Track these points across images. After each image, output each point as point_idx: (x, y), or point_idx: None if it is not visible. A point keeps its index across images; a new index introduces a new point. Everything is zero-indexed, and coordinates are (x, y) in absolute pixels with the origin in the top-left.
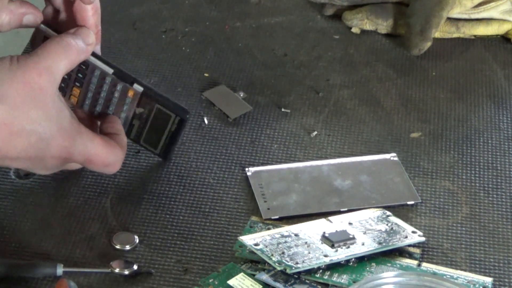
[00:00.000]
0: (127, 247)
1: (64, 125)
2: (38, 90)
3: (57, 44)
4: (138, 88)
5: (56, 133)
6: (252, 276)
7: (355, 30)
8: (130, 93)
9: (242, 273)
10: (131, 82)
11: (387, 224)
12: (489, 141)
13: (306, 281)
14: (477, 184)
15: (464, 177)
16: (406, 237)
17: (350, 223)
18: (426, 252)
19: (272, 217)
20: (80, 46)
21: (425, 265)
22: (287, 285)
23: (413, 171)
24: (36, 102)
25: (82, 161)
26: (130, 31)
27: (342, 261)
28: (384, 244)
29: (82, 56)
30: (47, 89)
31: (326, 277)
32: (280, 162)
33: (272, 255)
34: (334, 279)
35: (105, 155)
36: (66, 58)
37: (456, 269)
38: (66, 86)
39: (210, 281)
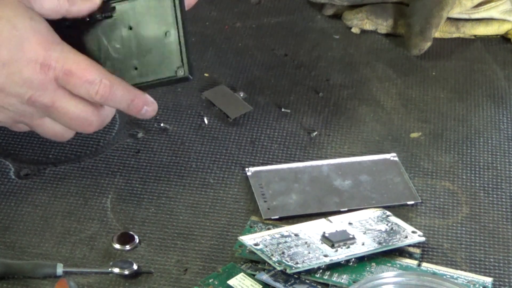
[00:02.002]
0: (127, 247)
1: (40, 30)
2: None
3: None
4: None
5: (30, 34)
6: (252, 276)
7: (355, 30)
8: None
9: (242, 273)
10: None
11: (387, 224)
12: (489, 141)
13: (306, 281)
14: (477, 184)
15: (464, 177)
16: (406, 237)
17: (350, 223)
18: (426, 252)
19: (272, 217)
20: None
21: (425, 265)
22: (287, 285)
23: (413, 171)
24: (6, 2)
25: (62, 71)
26: None
27: (342, 261)
28: (384, 244)
29: (74, 8)
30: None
31: (326, 277)
32: (280, 162)
33: (272, 255)
34: (334, 279)
35: (87, 67)
36: None
37: (456, 269)
38: None
39: (210, 281)
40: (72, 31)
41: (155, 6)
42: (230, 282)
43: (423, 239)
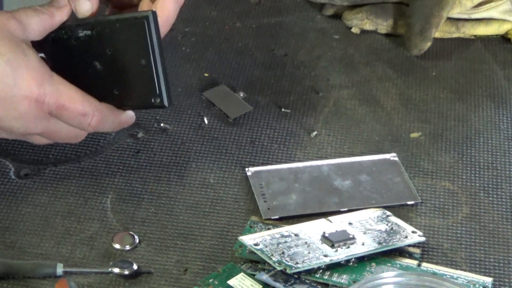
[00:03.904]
0: (127, 247)
1: (33, 64)
2: (5, 30)
3: (29, 9)
4: None
5: (24, 70)
6: (252, 276)
7: (355, 30)
8: None
9: (242, 273)
10: None
11: (387, 224)
12: (489, 141)
13: (306, 281)
14: (477, 184)
15: (464, 177)
16: (406, 237)
17: (350, 223)
18: (426, 252)
19: (272, 217)
20: (51, 10)
21: (425, 265)
22: (287, 285)
23: (413, 171)
24: (1, 37)
25: (55, 106)
26: None
27: (342, 261)
28: (384, 244)
29: (56, 18)
30: (15, 31)
31: (326, 277)
32: (280, 162)
33: (272, 255)
34: (334, 279)
35: (79, 100)
36: (37, 16)
37: (456, 269)
38: None
39: (210, 281)
40: (59, 51)
41: (129, 33)
42: (230, 282)
43: (423, 239)
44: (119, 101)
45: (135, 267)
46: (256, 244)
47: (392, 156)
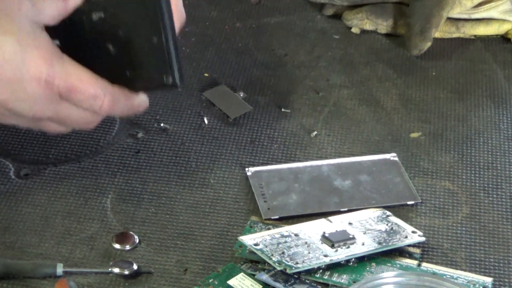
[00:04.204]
0: (127, 247)
1: (43, 45)
2: (17, 10)
3: None
4: None
5: (34, 50)
6: (252, 276)
7: (355, 30)
8: None
9: (242, 273)
10: None
11: (387, 224)
12: (489, 141)
13: (306, 281)
14: (477, 184)
15: (464, 177)
16: (406, 237)
17: (350, 223)
18: (426, 252)
19: (272, 217)
20: None
21: (425, 265)
22: (287, 285)
23: (413, 171)
24: (9, 13)
25: (65, 88)
26: None
27: (342, 261)
28: (384, 244)
29: (70, 3)
30: (28, 13)
31: (326, 277)
32: (280, 162)
33: (272, 255)
34: (334, 279)
35: (90, 82)
36: (51, 1)
37: (456, 269)
38: None
39: (210, 281)
40: (71, 36)
41: (142, 10)
42: (230, 282)
43: (423, 239)
44: (131, 83)
45: (135, 267)
46: (256, 244)
47: (392, 156)
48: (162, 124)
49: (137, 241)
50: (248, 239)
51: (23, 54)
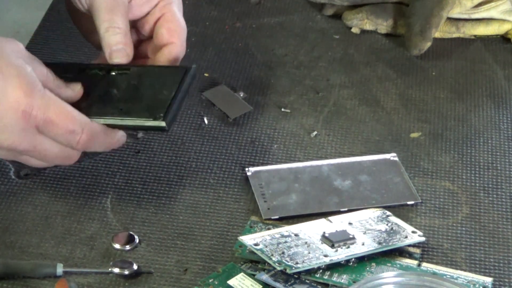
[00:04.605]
0: (127, 247)
1: (25, 76)
2: (4, 47)
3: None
4: None
5: (15, 80)
6: (252, 276)
7: (355, 30)
8: None
9: (242, 273)
10: None
11: (387, 224)
12: (489, 141)
13: (306, 281)
14: (477, 184)
15: (464, 177)
16: (406, 237)
17: (350, 223)
18: (426, 252)
19: (272, 217)
20: (61, 85)
21: (425, 265)
22: (287, 285)
23: (413, 171)
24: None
25: (43, 120)
26: None
27: (342, 261)
28: (384, 244)
29: (61, 91)
30: (14, 51)
31: (326, 277)
32: (280, 162)
33: (272, 255)
34: (334, 279)
35: (68, 117)
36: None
37: (456, 269)
38: None
39: (210, 281)
40: (86, 78)
41: (165, 76)
42: (230, 282)
43: (423, 239)
44: (120, 118)
45: (135, 267)
46: (256, 244)
47: (392, 156)
48: None
49: (137, 241)
50: (248, 239)
51: (3, 83)
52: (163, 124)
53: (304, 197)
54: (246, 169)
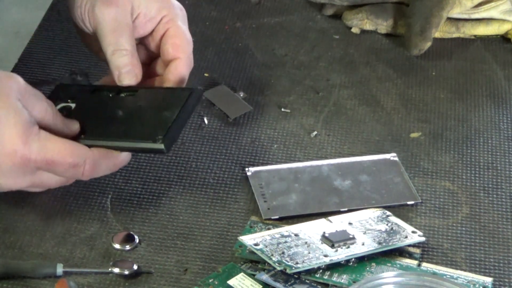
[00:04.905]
0: (127, 247)
1: (21, 122)
2: (3, 86)
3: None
4: None
5: (11, 128)
6: (252, 276)
7: (355, 30)
8: None
9: (242, 273)
10: None
11: (387, 224)
12: (489, 141)
13: (306, 281)
14: (477, 184)
15: (464, 177)
16: (406, 237)
17: (350, 223)
18: (426, 252)
19: (272, 217)
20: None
21: (425, 265)
22: (287, 285)
23: (413, 171)
24: None
25: (44, 162)
26: None
27: (342, 261)
28: (384, 244)
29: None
30: (13, 90)
31: (326, 277)
32: (280, 162)
33: (272, 255)
34: (334, 279)
35: (69, 153)
36: (43, 103)
37: (456, 269)
38: None
39: (210, 281)
40: (90, 100)
41: (170, 97)
42: (230, 282)
43: (423, 239)
44: (119, 139)
45: (135, 267)
46: (256, 244)
47: (392, 156)
48: None
49: (137, 241)
50: (248, 239)
51: (0, 129)
52: (161, 146)
53: (304, 197)
54: (246, 169)
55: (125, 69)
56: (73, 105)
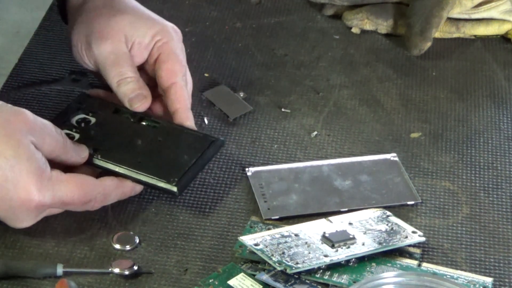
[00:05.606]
0: (127, 247)
1: (35, 170)
2: (14, 129)
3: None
4: None
5: (24, 174)
6: (252, 276)
7: (355, 30)
8: None
9: (242, 273)
10: None
11: (387, 224)
12: (489, 141)
13: (306, 281)
14: (477, 184)
15: (464, 177)
16: (406, 237)
17: (350, 223)
18: (426, 252)
19: (272, 217)
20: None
21: (425, 265)
22: (287, 285)
23: (413, 171)
24: (8, 138)
25: (57, 204)
26: None
27: (342, 261)
28: (384, 244)
29: (68, 150)
30: (22, 131)
31: (326, 277)
32: (280, 162)
33: (272, 255)
34: (334, 279)
35: (81, 192)
36: (54, 136)
37: (456, 269)
38: None
39: (210, 281)
40: (112, 121)
41: (192, 141)
42: (230, 282)
43: (423, 239)
44: (136, 171)
45: (135, 267)
46: (256, 244)
47: (392, 156)
48: None
49: (137, 241)
50: (248, 239)
51: (14, 179)
52: (174, 189)
53: (304, 197)
54: (246, 169)
55: (133, 94)
56: (92, 120)
